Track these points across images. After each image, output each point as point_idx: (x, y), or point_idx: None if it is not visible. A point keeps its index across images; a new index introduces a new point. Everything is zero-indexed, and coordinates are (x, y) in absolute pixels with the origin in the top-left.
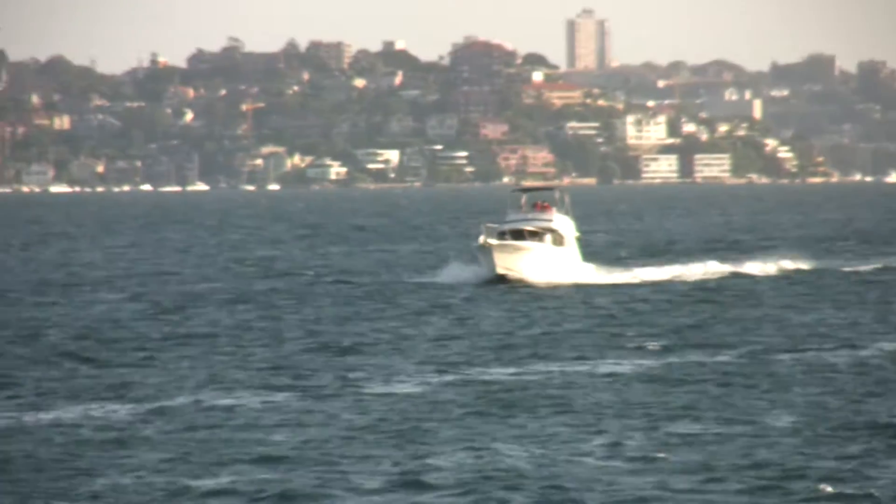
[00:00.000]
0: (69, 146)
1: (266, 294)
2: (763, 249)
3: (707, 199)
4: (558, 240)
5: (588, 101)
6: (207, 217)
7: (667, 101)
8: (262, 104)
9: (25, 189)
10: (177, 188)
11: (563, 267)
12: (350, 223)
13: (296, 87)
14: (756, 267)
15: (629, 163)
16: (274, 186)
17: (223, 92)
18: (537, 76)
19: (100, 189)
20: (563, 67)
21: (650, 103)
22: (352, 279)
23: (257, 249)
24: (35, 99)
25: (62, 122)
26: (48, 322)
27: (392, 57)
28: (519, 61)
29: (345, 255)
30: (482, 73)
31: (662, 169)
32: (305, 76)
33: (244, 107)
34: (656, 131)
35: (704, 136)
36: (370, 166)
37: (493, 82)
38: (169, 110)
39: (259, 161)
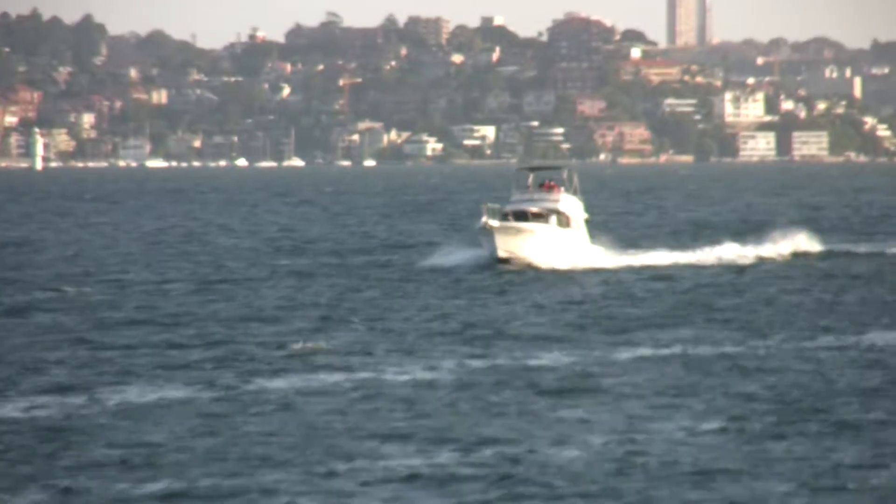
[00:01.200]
0: (166, 121)
1: None
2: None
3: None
4: (564, 221)
5: (686, 77)
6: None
7: (767, 79)
8: (359, 79)
9: (122, 163)
10: (272, 163)
11: (569, 250)
12: None
13: (393, 63)
14: (771, 249)
15: (726, 140)
16: (370, 162)
17: (321, 67)
18: (635, 53)
19: (196, 164)
20: (663, 44)
21: (750, 80)
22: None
23: None
24: (133, 73)
25: (160, 97)
26: None
27: (490, 33)
28: (617, 38)
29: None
30: (580, 50)
31: (760, 146)
32: (403, 52)
33: (341, 82)
34: (754, 109)
35: (802, 114)
36: (466, 142)
37: (592, 59)
38: (266, 85)
39: (355, 137)
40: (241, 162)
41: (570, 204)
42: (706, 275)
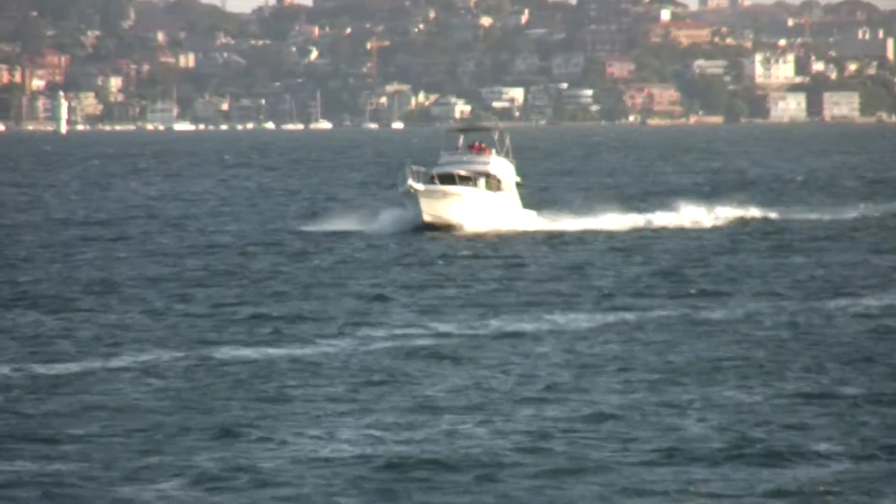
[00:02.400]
0: (194, 84)
1: None
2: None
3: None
4: (494, 185)
5: (716, 39)
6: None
7: (799, 40)
8: (387, 42)
9: (150, 127)
10: (299, 126)
11: (498, 214)
12: None
13: (421, 26)
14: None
15: (757, 101)
16: (398, 125)
17: (348, 30)
18: (665, 15)
19: (223, 127)
20: (695, 7)
21: (781, 42)
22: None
23: None
24: (160, 37)
25: (187, 60)
26: None
27: None
28: (646, 0)
29: None
30: (609, 12)
31: (791, 107)
32: (431, 14)
33: (369, 45)
34: (785, 70)
35: (833, 75)
36: (495, 105)
37: (621, 21)
38: (294, 48)
39: (383, 99)
40: (269, 125)
41: (500, 166)
42: (619, 238)
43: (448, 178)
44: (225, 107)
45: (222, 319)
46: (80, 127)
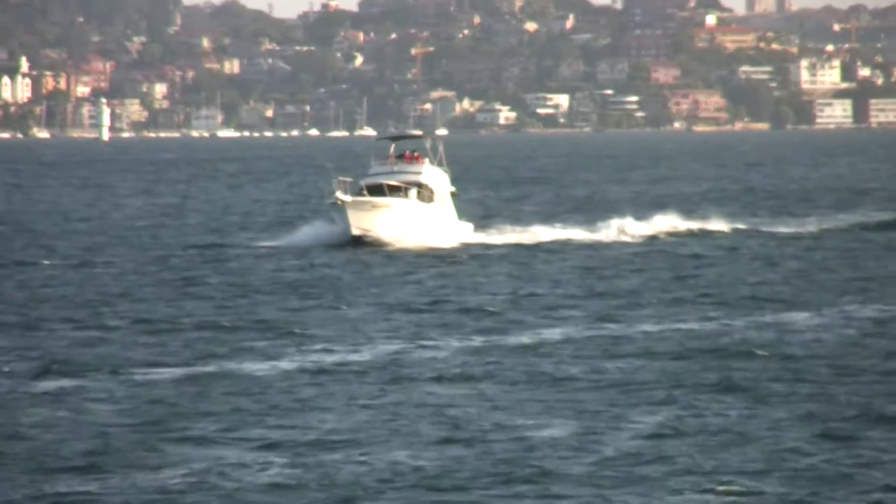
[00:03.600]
0: (238, 90)
1: None
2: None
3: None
4: (427, 195)
5: (761, 44)
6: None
7: (846, 46)
8: (431, 48)
9: (194, 133)
10: (344, 133)
11: (431, 226)
12: None
13: (466, 31)
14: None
15: (803, 107)
16: (442, 131)
17: (393, 36)
18: (710, 20)
19: (268, 134)
20: (742, 11)
21: (829, 48)
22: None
23: None
24: (205, 42)
25: (232, 67)
26: None
27: (564, 0)
28: (692, 4)
29: None
30: (654, 17)
31: (837, 114)
32: (476, 20)
33: (414, 51)
34: (831, 75)
35: (880, 81)
36: (540, 111)
37: (666, 26)
38: (339, 54)
39: (428, 106)
40: (313, 132)
41: (433, 176)
42: (543, 251)
43: (377, 189)
44: (269, 114)
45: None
46: (124, 134)
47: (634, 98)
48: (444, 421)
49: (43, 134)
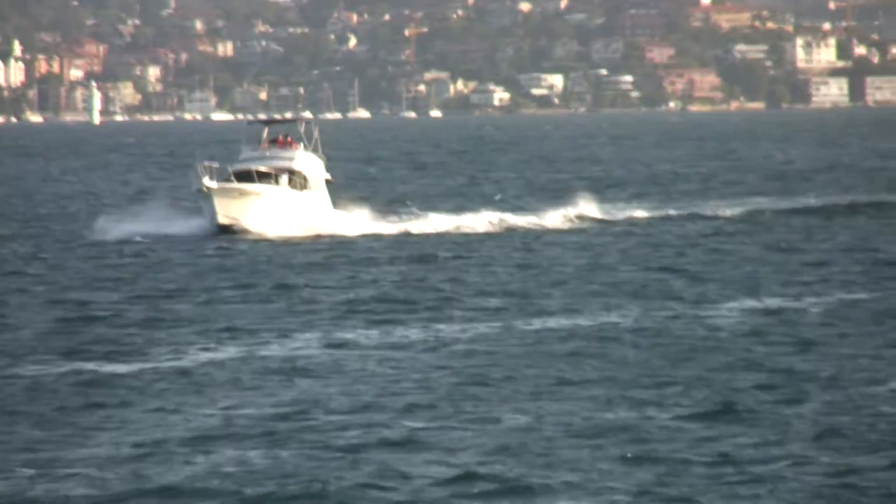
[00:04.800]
0: (232, 73)
1: None
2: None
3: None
4: (299, 182)
5: (757, 23)
6: None
7: (843, 24)
8: (425, 29)
9: (188, 116)
10: (337, 115)
11: (304, 215)
12: None
13: (460, 12)
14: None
15: (798, 87)
16: (436, 113)
17: (387, 17)
18: None
19: (261, 116)
20: None
21: (825, 26)
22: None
23: None
24: (198, 25)
25: (226, 49)
26: None
27: None
28: None
29: None
30: None
31: (833, 92)
32: (470, 0)
33: (408, 32)
34: (826, 54)
35: (876, 59)
36: (534, 91)
37: (660, 5)
38: (332, 36)
39: (422, 87)
40: (307, 114)
41: (307, 162)
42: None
43: (246, 176)
44: (263, 96)
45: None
46: (118, 118)
47: (629, 78)
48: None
49: (36, 118)
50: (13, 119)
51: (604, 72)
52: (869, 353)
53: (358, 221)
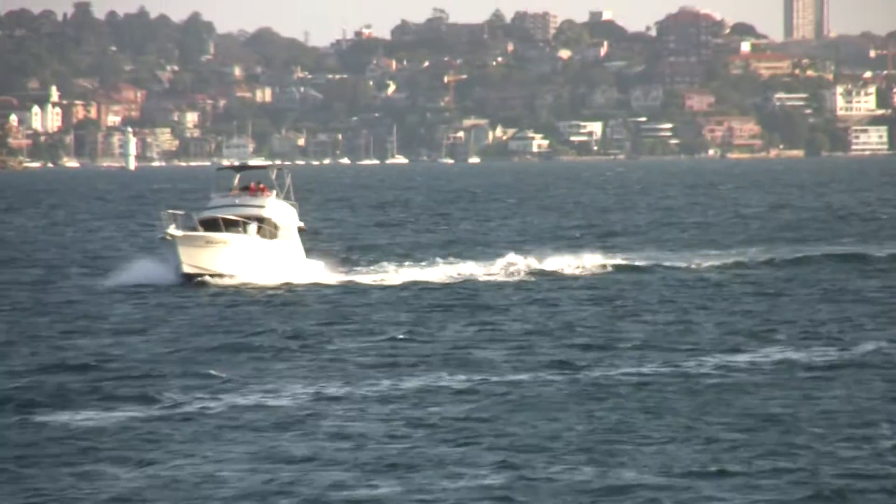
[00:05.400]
0: (270, 119)
1: None
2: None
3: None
4: (269, 231)
5: (797, 71)
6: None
7: (883, 72)
8: (464, 76)
9: (225, 163)
10: (375, 161)
11: (275, 264)
12: None
13: (500, 59)
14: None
15: (838, 134)
16: (474, 159)
17: (426, 64)
18: (745, 47)
19: (300, 162)
20: (780, 37)
21: (866, 74)
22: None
23: None
24: (237, 71)
25: (264, 95)
26: None
27: (598, 27)
28: (727, 31)
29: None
30: (689, 44)
31: (872, 140)
32: (510, 47)
33: (447, 79)
34: (866, 102)
35: None
36: (573, 139)
37: (700, 53)
38: (371, 83)
39: (460, 134)
40: (345, 160)
41: (278, 209)
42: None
43: (212, 224)
44: (301, 142)
45: None
46: (154, 163)
47: (668, 125)
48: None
49: (72, 163)
50: (50, 165)
51: (643, 119)
52: None
53: (316, 271)
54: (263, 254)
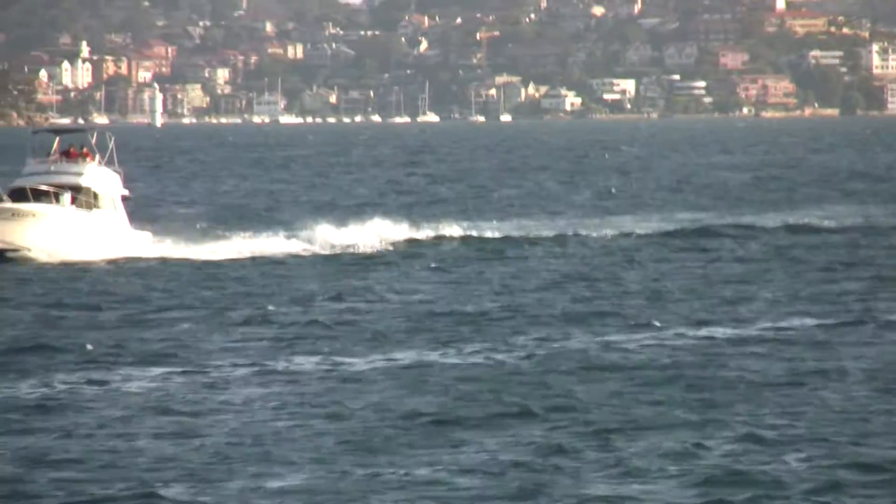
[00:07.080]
0: (301, 76)
1: None
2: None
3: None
4: (86, 200)
5: (832, 29)
6: None
7: None
8: (497, 33)
9: (256, 120)
10: (406, 119)
11: (91, 237)
12: None
13: (532, 16)
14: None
15: (873, 93)
16: (506, 117)
17: (459, 20)
18: (780, 4)
19: (331, 120)
20: None
21: None
22: None
23: None
24: (269, 27)
25: (295, 51)
26: None
27: None
28: None
29: None
30: (723, 1)
31: None
32: (543, 4)
33: (479, 35)
34: None
35: None
36: (606, 97)
37: (735, 10)
38: (403, 39)
39: (492, 91)
40: (376, 118)
41: (98, 177)
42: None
43: (20, 195)
44: (333, 99)
45: None
46: (185, 120)
47: (702, 83)
48: None
49: (102, 119)
50: (80, 121)
51: (676, 77)
52: None
53: (144, 243)
54: (78, 226)
